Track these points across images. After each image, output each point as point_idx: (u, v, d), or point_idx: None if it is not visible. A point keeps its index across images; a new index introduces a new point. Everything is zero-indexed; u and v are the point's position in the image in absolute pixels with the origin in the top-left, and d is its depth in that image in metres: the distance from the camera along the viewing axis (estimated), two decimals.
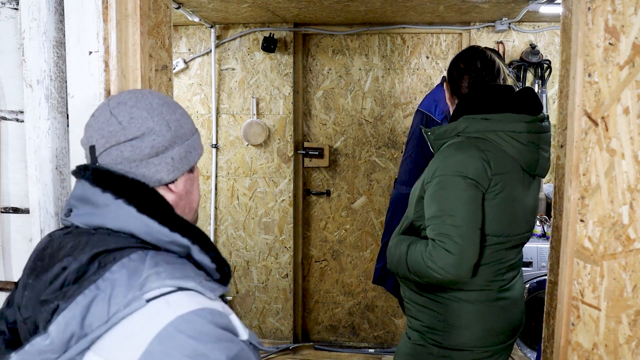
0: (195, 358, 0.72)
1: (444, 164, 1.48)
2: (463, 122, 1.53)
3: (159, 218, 0.83)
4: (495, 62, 1.63)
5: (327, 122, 3.46)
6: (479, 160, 1.44)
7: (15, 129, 1.35)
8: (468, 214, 1.43)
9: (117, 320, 0.73)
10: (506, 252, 1.54)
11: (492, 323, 1.54)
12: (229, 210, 3.47)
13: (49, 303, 0.77)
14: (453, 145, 1.51)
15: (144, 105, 0.89)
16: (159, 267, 0.77)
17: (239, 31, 3.33)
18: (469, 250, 1.42)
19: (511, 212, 1.50)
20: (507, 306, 1.57)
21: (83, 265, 0.78)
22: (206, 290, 0.79)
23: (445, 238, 1.43)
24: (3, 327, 0.87)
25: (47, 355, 0.73)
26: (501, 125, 1.49)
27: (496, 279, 1.54)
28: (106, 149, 0.86)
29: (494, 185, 1.46)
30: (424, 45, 3.34)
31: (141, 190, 0.85)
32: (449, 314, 1.54)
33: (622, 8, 1.00)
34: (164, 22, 1.39)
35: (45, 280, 0.80)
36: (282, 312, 3.48)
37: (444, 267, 1.42)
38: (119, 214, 0.83)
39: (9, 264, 1.38)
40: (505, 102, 1.53)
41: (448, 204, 1.44)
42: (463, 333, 1.53)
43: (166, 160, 0.88)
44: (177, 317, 0.73)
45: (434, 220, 1.46)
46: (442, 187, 1.46)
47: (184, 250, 0.84)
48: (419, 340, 1.60)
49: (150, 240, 0.83)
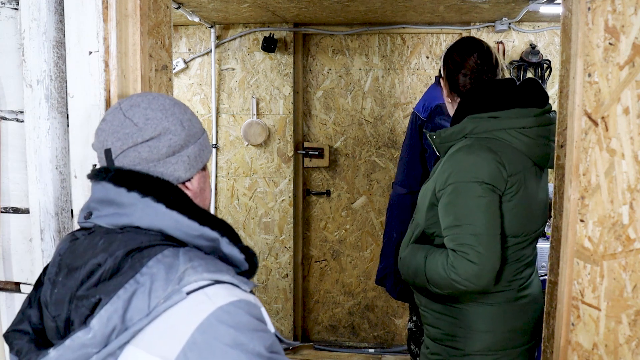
0: (236, 347, 0.75)
1: (457, 170, 1.41)
2: (470, 122, 1.46)
3: (187, 213, 0.85)
4: (492, 52, 1.56)
5: (327, 122, 3.46)
6: (494, 163, 1.39)
7: (15, 129, 1.35)
8: (488, 221, 1.37)
9: (158, 313, 0.75)
10: (524, 250, 1.50)
11: (513, 323, 1.50)
12: (229, 210, 3.47)
13: (88, 298, 0.78)
14: (464, 149, 1.44)
15: (157, 107, 0.90)
16: (194, 262, 0.80)
17: (239, 31, 3.33)
18: (492, 258, 1.37)
19: (528, 210, 1.46)
20: (528, 304, 1.52)
21: (119, 262, 0.79)
22: (240, 283, 0.82)
23: (466, 248, 1.37)
24: (27, 328, 0.87)
25: (88, 349, 0.75)
26: (510, 122, 1.43)
27: (515, 278, 1.49)
28: (123, 151, 0.87)
29: (510, 187, 1.41)
30: (424, 45, 3.34)
31: (167, 187, 0.87)
32: (469, 318, 1.49)
33: (622, 8, 1.00)
34: (164, 22, 1.39)
35: (77, 278, 0.81)
36: (282, 312, 3.48)
37: (468, 278, 1.36)
38: (148, 212, 0.84)
39: (9, 264, 1.38)
40: (511, 97, 1.47)
41: (466, 212, 1.38)
42: (485, 337, 1.48)
43: (182, 159, 0.91)
44: (217, 309, 0.76)
45: (453, 229, 1.40)
46: (458, 195, 1.40)
47: (211, 244, 0.86)
48: (439, 353, 1.54)
49: (178, 236, 0.85)
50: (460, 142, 1.47)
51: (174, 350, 0.74)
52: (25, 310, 0.89)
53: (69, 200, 1.32)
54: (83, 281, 0.80)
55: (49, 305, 0.84)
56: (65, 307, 0.81)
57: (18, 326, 0.87)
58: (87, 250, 0.83)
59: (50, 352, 0.76)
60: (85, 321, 0.77)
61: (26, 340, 0.84)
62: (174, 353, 0.74)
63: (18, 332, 0.86)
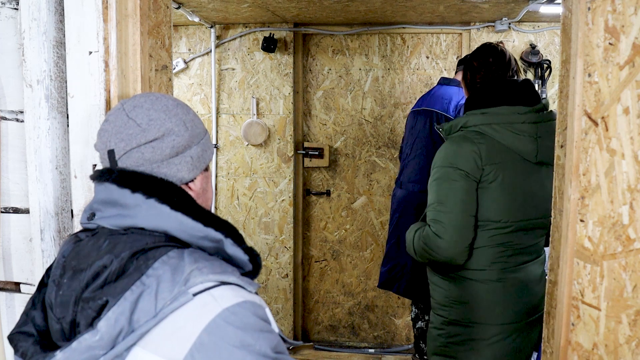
0: (242, 348, 0.75)
1: (440, 156, 1.65)
2: (465, 117, 1.68)
3: (192, 214, 0.85)
4: (506, 54, 1.76)
5: (327, 122, 3.46)
6: (470, 153, 1.59)
7: (15, 129, 1.35)
8: (458, 202, 1.58)
9: (164, 315, 0.75)
10: (508, 236, 1.64)
11: (493, 300, 1.65)
12: (229, 210, 3.47)
13: (95, 300, 0.78)
14: (450, 139, 1.67)
15: (160, 107, 0.90)
16: (199, 263, 0.80)
17: (239, 31, 3.33)
18: (458, 233, 1.57)
19: (510, 199, 1.61)
20: (512, 286, 1.66)
21: (125, 263, 0.79)
22: (246, 284, 0.82)
23: (436, 223, 1.60)
24: (32, 330, 0.86)
25: (95, 351, 0.75)
26: (497, 118, 1.62)
27: (498, 261, 1.65)
28: (126, 151, 0.87)
29: (486, 174, 1.59)
30: (424, 45, 3.34)
31: (171, 188, 0.87)
32: (453, 290, 1.69)
33: (622, 8, 1.00)
34: (164, 22, 1.39)
35: (83, 279, 0.81)
36: (282, 312, 3.48)
37: (435, 249, 1.60)
38: (152, 213, 0.84)
39: (9, 264, 1.38)
40: (502, 96, 1.65)
41: (441, 192, 1.61)
42: (464, 308, 1.66)
43: (186, 160, 0.91)
44: (223, 310, 0.76)
45: (430, 207, 1.64)
46: (438, 177, 1.63)
47: (215, 245, 0.86)
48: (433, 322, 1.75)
49: (183, 237, 0.85)
50: (455, 134, 1.69)
51: (181, 351, 0.74)
52: (29, 312, 0.89)
53: (69, 200, 1.32)
54: (88, 283, 0.80)
55: (53, 307, 0.84)
56: (70, 309, 0.81)
57: (22, 328, 0.87)
58: (92, 252, 0.83)
59: (57, 354, 0.76)
60: (91, 323, 0.77)
61: (31, 342, 0.84)
62: (181, 354, 0.74)
63: (23, 334, 0.86)
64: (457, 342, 1.69)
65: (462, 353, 1.68)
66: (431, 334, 1.77)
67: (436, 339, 1.73)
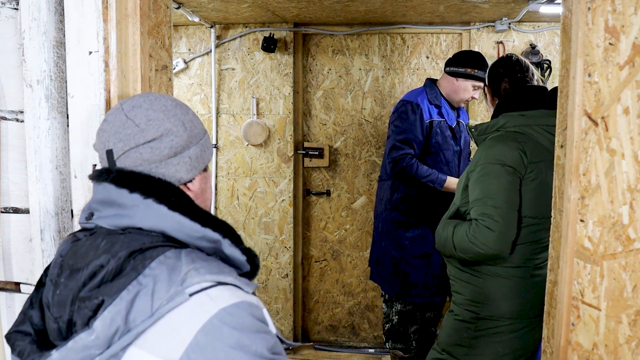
0: (239, 349, 0.75)
1: (485, 154, 1.71)
2: (502, 118, 1.76)
3: (189, 215, 0.85)
4: (529, 66, 1.89)
5: (327, 122, 3.46)
6: (516, 150, 1.67)
7: (15, 129, 1.35)
8: (507, 197, 1.64)
9: (161, 314, 0.75)
10: (541, 234, 1.71)
11: (525, 297, 1.72)
12: (229, 210, 3.47)
13: (91, 299, 0.78)
14: (494, 139, 1.75)
15: (159, 107, 0.90)
16: (196, 264, 0.80)
17: (239, 31, 3.33)
18: (507, 228, 1.63)
19: (546, 197, 1.64)
20: (540, 282, 1.70)
21: (122, 263, 0.79)
22: (243, 284, 0.82)
23: (487, 217, 1.65)
24: (29, 329, 0.87)
25: (91, 350, 0.75)
26: (535, 120, 1.71)
27: (532, 257, 1.72)
28: (125, 152, 0.87)
29: (529, 172, 1.67)
30: (424, 45, 3.34)
31: (169, 189, 0.87)
32: (487, 288, 1.74)
33: (622, 8, 1.00)
34: (164, 22, 1.39)
35: (79, 279, 0.81)
36: (282, 312, 3.48)
37: (485, 242, 1.64)
38: (150, 213, 0.84)
39: (9, 264, 1.38)
40: (539, 100, 1.75)
41: (489, 188, 1.66)
42: (499, 305, 1.72)
43: (184, 160, 0.91)
44: (220, 310, 0.76)
45: (477, 202, 1.69)
46: (484, 174, 1.69)
47: (213, 245, 0.86)
48: (459, 315, 1.81)
49: (180, 237, 0.85)
50: (493, 134, 1.78)
51: (177, 351, 0.74)
52: (27, 311, 0.89)
53: (69, 200, 1.32)
54: (85, 282, 0.80)
55: (51, 307, 0.84)
56: (67, 308, 0.81)
57: (20, 327, 0.87)
58: (89, 252, 0.83)
59: (53, 353, 0.76)
60: (88, 322, 0.77)
61: (28, 341, 0.84)
62: (177, 354, 0.74)
63: (20, 333, 0.86)
64: (488, 334, 1.75)
65: (491, 345, 1.75)
66: (457, 326, 1.82)
67: (464, 331, 1.79)
